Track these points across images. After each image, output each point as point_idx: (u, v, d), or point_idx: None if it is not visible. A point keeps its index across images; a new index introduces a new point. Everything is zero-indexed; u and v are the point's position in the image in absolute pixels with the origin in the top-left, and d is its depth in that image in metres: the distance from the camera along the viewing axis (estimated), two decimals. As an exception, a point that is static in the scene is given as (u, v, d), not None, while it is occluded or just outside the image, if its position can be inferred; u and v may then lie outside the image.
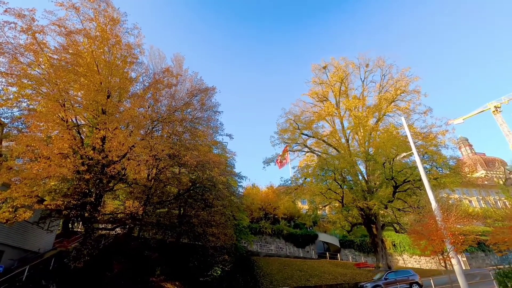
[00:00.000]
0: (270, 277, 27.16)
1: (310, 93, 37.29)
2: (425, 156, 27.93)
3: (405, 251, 46.48)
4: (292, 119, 34.11)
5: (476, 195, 75.82)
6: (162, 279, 22.82)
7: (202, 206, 22.47)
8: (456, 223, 16.65)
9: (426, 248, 17.04)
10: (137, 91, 21.92)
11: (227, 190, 25.10)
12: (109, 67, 17.87)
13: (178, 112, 23.06)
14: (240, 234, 29.83)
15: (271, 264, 30.98)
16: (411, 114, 32.19)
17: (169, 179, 21.91)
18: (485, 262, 45.25)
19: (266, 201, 47.36)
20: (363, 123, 32.35)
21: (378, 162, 29.12)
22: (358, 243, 47.79)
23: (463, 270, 16.94)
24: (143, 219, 20.31)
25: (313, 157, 35.52)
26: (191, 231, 22.56)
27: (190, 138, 23.33)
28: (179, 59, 27.19)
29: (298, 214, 51.24)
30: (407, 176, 28.17)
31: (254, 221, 45.03)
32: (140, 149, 16.85)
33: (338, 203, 32.84)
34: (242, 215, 30.08)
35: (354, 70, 35.67)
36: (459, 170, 30.54)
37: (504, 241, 17.56)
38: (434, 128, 29.87)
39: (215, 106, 26.40)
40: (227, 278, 25.40)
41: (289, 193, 34.98)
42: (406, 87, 32.67)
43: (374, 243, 32.26)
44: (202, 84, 25.47)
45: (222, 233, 22.10)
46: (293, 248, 44.15)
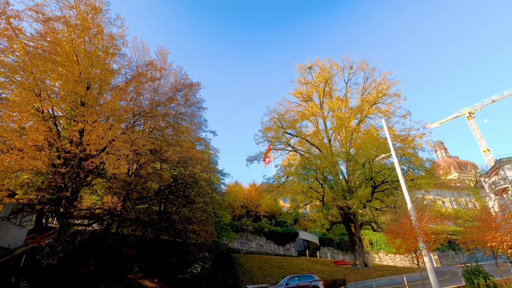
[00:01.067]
0: (250, 274, 27.32)
1: (295, 92, 37.61)
2: (403, 158, 28.90)
3: (382, 249, 48.05)
4: (277, 118, 34.30)
5: (449, 196, 79.34)
6: (140, 276, 22.44)
7: (183, 203, 22.22)
8: (429, 223, 17.39)
9: (400, 247, 17.68)
10: (118, 83, 21.30)
11: (209, 187, 24.96)
12: (89, 57, 17.25)
13: (161, 107, 22.62)
14: (221, 231, 29.77)
15: (251, 261, 31.14)
16: (391, 117, 33.19)
17: (150, 174, 21.49)
18: (455, 260, 47.52)
19: (249, 198, 47.47)
20: (345, 124, 33.03)
21: (358, 162, 29.86)
22: (337, 241, 48.91)
23: (434, 268, 17.73)
24: (121, 215, 19.83)
25: (296, 156, 35.91)
26: (171, 227, 22.27)
27: (173, 134, 22.97)
28: (164, 52, 26.65)
29: (280, 212, 51.73)
30: (385, 177, 29.07)
31: (236, 218, 45.05)
32: (120, 143, 16.41)
33: (319, 202, 33.42)
34: (223, 212, 30.00)
35: (339, 71, 36.31)
36: (434, 172, 31.86)
37: (472, 240, 18.51)
38: (412, 131, 31.00)
39: (200, 102, 26.14)
40: (207, 275, 25.32)
41: (271, 191, 35.19)
42: (387, 90, 33.62)
43: (352, 241, 33.11)
44: (186, 79, 25.12)
45: (203, 230, 21.96)
46: (273, 246, 44.57)
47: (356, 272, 28.96)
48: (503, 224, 18.71)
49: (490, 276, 15.55)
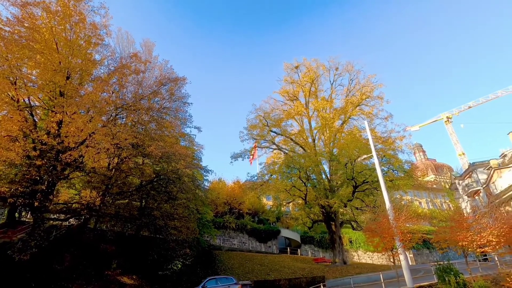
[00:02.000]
0: (231, 271, 27.36)
1: (281, 91, 37.77)
2: (383, 159, 29.73)
3: (360, 248, 49.36)
4: (262, 116, 34.35)
5: (425, 197, 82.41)
6: (118, 273, 21.99)
7: (165, 199, 21.89)
8: (406, 222, 18.01)
9: (378, 245, 18.21)
10: (101, 74, 20.66)
11: (193, 183, 24.70)
12: (70, 46, 16.62)
13: (144, 100, 22.13)
14: (203, 228, 29.58)
15: (232, 258, 31.19)
16: (373, 118, 33.99)
17: (132, 169, 21.01)
18: (429, 258, 49.53)
19: (232, 195, 47.39)
20: (329, 124, 33.54)
21: (341, 162, 30.46)
22: (318, 239, 49.78)
23: (409, 266, 18.41)
24: (100, 210, 19.31)
25: (280, 155, 36.15)
26: (152, 223, 21.91)
27: (157, 128, 22.54)
28: (149, 45, 26.05)
29: (263, 209, 51.98)
30: (366, 177, 29.82)
31: (218, 215, 44.87)
32: (100, 136, 15.94)
33: (301, 200, 33.85)
34: (206, 209, 29.81)
35: (325, 72, 36.74)
36: (412, 174, 33.01)
37: (445, 239, 19.27)
38: (393, 133, 31.92)
39: (185, 97, 25.75)
40: (188, 272, 25.14)
41: (254, 189, 35.31)
42: (371, 92, 34.37)
43: (333, 240, 33.81)
44: (172, 73, 24.66)
45: (184, 226, 21.73)
46: (255, 243, 44.80)
47: (335, 270, 29.63)
48: (473, 224, 19.61)
49: (460, 273, 16.32)
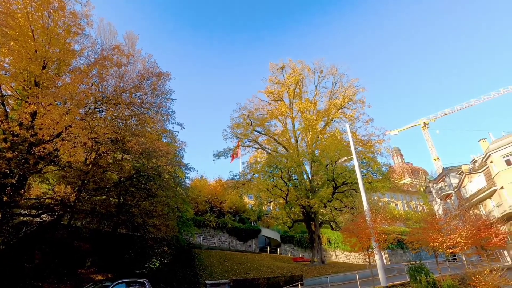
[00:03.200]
0: (210, 270, 27.20)
1: (266, 91, 37.92)
2: (363, 162, 30.56)
3: (338, 247, 50.50)
4: (246, 115, 34.37)
5: (401, 199, 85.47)
6: (93, 271, 21.34)
7: (145, 196, 21.42)
8: (382, 223, 18.62)
9: (355, 245, 18.70)
10: (80, 65, 19.86)
11: (173, 180, 24.32)
12: (47, 34, 15.88)
13: (126, 94, 21.51)
14: (183, 226, 29.21)
15: (212, 257, 31.01)
16: (355, 122, 34.85)
17: (110, 165, 20.37)
18: (403, 258, 51.42)
19: (213, 194, 47.10)
20: (312, 125, 34.05)
21: (322, 163, 31.02)
22: (297, 239, 50.44)
23: (383, 265, 19.04)
24: (75, 206, 18.61)
25: (263, 154, 36.31)
26: (130, 221, 21.38)
27: (138, 124, 21.96)
28: (133, 37, 25.37)
29: (244, 208, 52.02)
30: (346, 178, 30.54)
31: (199, 213, 44.46)
32: (78, 130, 15.33)
33: (282, 200, 34.17)
34: (187, 207, 29.42)
35: (309, 74, 37.26)
36: (390, 176, 34.13)
37: (417, 240, 20.13)
38: (373, 136, 32.90)
39: (168, 92, 25.25)
40: (165, 271, 24.75)
41: (236, 188, 35.30)
42: (353, 96, 35.21)
43: (312, 239, 34.38)
44: (155, 67, 24.09)
45: (163, 224, 21.35)
46: (236, 242, 44.76)
47: (313, 269, 30.15)
48: (444, 226, 20.60)
49: (430, 273, 17.08)
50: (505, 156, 34.01)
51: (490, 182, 36.54)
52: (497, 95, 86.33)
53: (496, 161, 34.81)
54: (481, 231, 19.85)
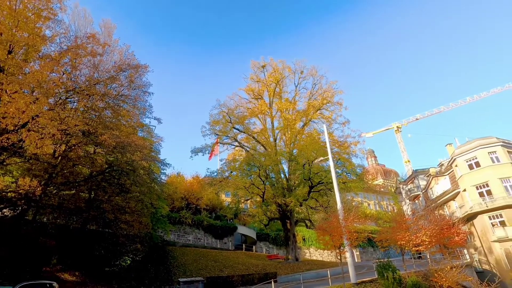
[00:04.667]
0: (184, 267, 26.85)
1: (246, 88, 37.86)
2: (338, 162, 31.38)
3: (312, 245, 51.61)
4: (226, 112, 34.13)
5: (374, 199, 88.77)
6: (59, 269, 20.40)
7: (117, 191, 20.72)
8: (354, 222, 19.25)
9: (328, 243, 19.21)
10: (51, 52, 18.80)
11: (148, 176, 23.71)
12: (15, 17, 14.91)
13: (100, 85, 20.67)
14: (157, 223, 28.58)
15: (186, 255, 30.63)
16: (332, 123, 35.68)
17: (81, 158, 19.50)
18: (373, 256, 53.47)
19: (190, 191, 46.47)
20: (291, 125, 34.47)
21: (299, 163, 31.52)
22: (273, 237, 50.99)
23: (354, 262, 19.70)
24: (41, 201, 17.66)
25: (241, 152, 36.28)
26: (101, 217, 20.62)
27: (112, 116, 21.18)
28: (109, 26, 24.29)
29: (221, 206, 51.78)
30: (322, 178, 31.26)
31: (175, 210, 43.72)
32: (46, 120, 14.54)
33: (259, 198, 34.38)
34: (162, 203, 28.82)
35: (290, 74, 37.63)
36: (364, 177, 35.35)
37: (386, 239, 21.07)
38: (349, 138, 33.90)
39: (146, 85, 24.53)
40: (137, 268, 24.14)
41: (214, 185, 35.06)
42: (331, 98, 36.01)
43: (287, 237, 34.89)
44: (133, 59, 23.32)
45: (137, 221, 20.75)
46: (211, 239, 44.51)
47: (287, 266, 30.65)
48: (412, 225, 21.69)
49: (397, 270, 17.92)
50: (468, 160, 36.29)
51: (454, 185, 38.86)
52: (463, 103, 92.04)
53: (460, 165, 37.07)
54: (444, 230, 21.11)
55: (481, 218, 33.63)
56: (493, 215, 32.77)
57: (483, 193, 34.10)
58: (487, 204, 32.86)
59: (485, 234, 32.94)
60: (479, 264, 34.05)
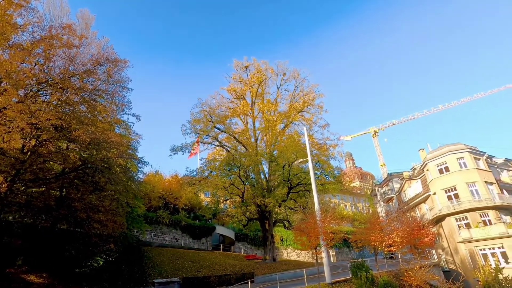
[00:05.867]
0: (160, 268, 26.28)
1: (229, 88, 37.71)
2: (317, 164, 32.00)
3: (290, 246, 52.22)
4: (207, 111, 33.80)
5: (350, 201, 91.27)
6: (24, 270, 19.32)
7: (91, 189, 19.91)
8: (331, 223, 19.71)
9: (305, 243, 19.54)
10: (22, 41, 17.79)
11: (125, 174, 22.96)
12: (-18, 2, 13.97)
13: (76, 79, 19.81)
14: (133, 223, 27.75)
15: (162, 255, 30.02)
16: (312, 125, 36.32)
17: (52, 154, 18.54)
18: (348, 256, 54.88)
19: (168, 190, 45.58)
20: (272, 126, 34.73)
21: (279, 164, 31.82)
22: (251, 237, 51.06)
23: (330, 263, 20.18)
24: (6, 198, 16.64)
25: (222, 152, 36.07)
26: (72, 216, 19.70)
27: (88, 111, 20.33)
28: (87, 18, 23.41)
29: (200, 206, 51.21)
30: (301, 179, 31.73)
31: (152, 209, 42.71)
32: (14, 113, 13.74)
33: (239, 198, 34.33)
34: (138, 202, 27.99)
35: (273, 76, 37.89)
36: (341, 179, 36.24)
37: (361, 239, 21.76)
38: (328, 141, 34.68)
39: (125, 81, 23.76)
40: (110, 269, 23.34)
41: (193, 184, 34.62)
42: (312, 101, 36.65)
43: (265, 237, 35.07)
44: (112, 53, 22.52)
45: (111, 220, 20.02)
46: (189, 239, 43.91)
47: (265, 266, 30.82)
48: (385, 227, 22.53)
49: (370, 270, 18.54)
50: (439, 165, 38.19)
51: (425, 188, 40.73)
52: (436, 111, 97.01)
53: (431, 170, 38.93)
54: (415, 231, 22.09)
55: (448, 220, 35.48)
56: (459, 217, 34.68)
57: (451, 196, 36.01)
58: (454, 207, 34.72)
59: (452, 235, 34.79)
60: (446, 263, 35.92)
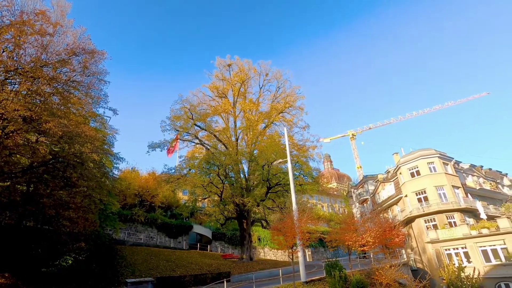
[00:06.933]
0: (133, 267, 25.58)
1: (211, 86, 37.32)
2: (296, 165, 32.43)
3: (267, 245, 52.60)
4: (188, 108, 33.24)
5: (327, 202, 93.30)
6: (-16, 270, 18.11)
7: (62, 185, 18.99)
8: (308, 223, 20.07)
9: (281, 243, 19.77)
10: (-11, 26, 16.68)
11: (99, 170, 22.12)
12: None
13: (48, 68, 18.84)
14: (106, 220, 26.81)
15: (137, 254, 29.25)
16: (293, 126, 36.73)
17: (20, 147, 17.52)
18: (323, 255, 56.11)
19: (145, 187, 44.42)
20: (253, 126, 34.78)
21: (259, 163, 31.94)
22: (229, 236, 50.92)
23: (305, 262, 20.55)
24: (-33, 193, 15.53)
25: (202, 150, 35.65)
26: (40, 212, 18.70)
27: (60, 103, 19.39)
28: (63, 5, 22.26)
29: (177, 204, 50.36)
30: (280, 179, 32.04)
31: (127, 207, 41.45)
32: (-22, 102, 12.86)
33: (217, 197, 34.10)
34: (112, 199, 27.03)
35: (255, 75, 37.93)
36: (319, 180, 36.96)
37: (336, 239, 22.33)
38: (308, 142, 35.20)
39: (102, 73, 22.89)
40: (80, 269, 22.41)
41: (171, 182, 33.90)
42: (294, 102, 37.06)
43: (243, 237, 35.08)
44: (89, 43, 21.63)
45: (82, 217, 19.20)
46: (165, 238, 43.11)
47: (241, 265, 30.84)
48: (359, 227, 23.24)
49: (343, 269, 19.07)
50: (411, 169, 39.95)
51: (398, 191, 42.46)
52: (410, 117, 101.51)
53: (404, 173, 40.63)
54: (386, 232, 22.94)
55: (418, 221, 37.21)
56: (428, 219, 36.48)
57: (421, 199, 37.80)
58: (423, 209, 36.47)
59: (421, 235, 36.52)
60: (414, 263, 37.67)
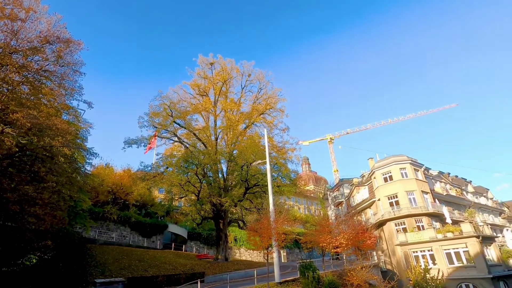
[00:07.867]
0: (103, 267, 24.67)
1: (192, 83, 36.81)
2: (275, 166, 32.69)
3: (243, 245, 52.60)
4: (168, 104, 32.53)
5: (304, 204, 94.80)
6: None
7: (28, 180, 17.95)
8: (284, 224, 20.30)
9: (257, 244, 19.87)
10: (-48, 6, 15.52)
11: (70, 165, 21.12)
12: None
13: (18, 55, 17.80)
14: (75, 218, 25.62)
15: (108, 253, 28.23)
16: (273, 128, 36.97)
17: (-18, 138, 16.41)
18: (298, 256, 56.91)
19: (119, 184, 42.93)
20: (234, 126, 34.67)
21: (238, 164, 31.88)
22: (205, 236, 50.40)
23: (280, 263, 20.73)
24: None
25: (180, 148, 35.04)
26: (3, 208, 17.56)
27: (30, 93, 18.34)
28: (38, -10, 21.10)
29: (153, 202, 49.19)
30: (258, 180, 32.17)
31: (99, 204, 39.89)
32: None
33: (194, 196, 33.66)
34: (83, 196, 25.88)
35: (238, 75, 37.81)
36: (297, 182, 37.44)
37: (310, 241, 22.78)
38: (287, 144, 35.58)
39: (78, 64, 21.85)
40: (46, 268, 21.27)
41: (146, 180, 33.00)
42: (275, 104, 37.34)
43: (219, 237, 34.85)
44: (64, 32, 20.60)
45: (49, 214, 18.22)
46: (138, 237, 41.95)
47: (216, 266, 30.63)
48: (333, 229, 23.84)
49: (317, 270, 19.47)
50: (384, 174, 41.52)
51: (371, 194, 43.96)
52: (386, 123, 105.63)
53: (378, 178, 42.15)
54: (359, 234, 23.71)
55: (389, 224, 38.73)
56: (398, 222, 38.06)
57: (393, 203, 39.38)
58: (394, 213, 38.01)
59: (391, 238, 38.03)
60: (384, 264, 39.17)
